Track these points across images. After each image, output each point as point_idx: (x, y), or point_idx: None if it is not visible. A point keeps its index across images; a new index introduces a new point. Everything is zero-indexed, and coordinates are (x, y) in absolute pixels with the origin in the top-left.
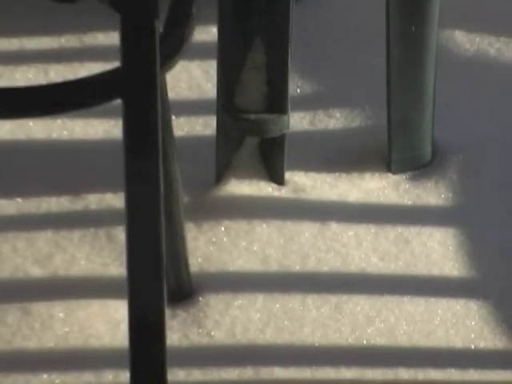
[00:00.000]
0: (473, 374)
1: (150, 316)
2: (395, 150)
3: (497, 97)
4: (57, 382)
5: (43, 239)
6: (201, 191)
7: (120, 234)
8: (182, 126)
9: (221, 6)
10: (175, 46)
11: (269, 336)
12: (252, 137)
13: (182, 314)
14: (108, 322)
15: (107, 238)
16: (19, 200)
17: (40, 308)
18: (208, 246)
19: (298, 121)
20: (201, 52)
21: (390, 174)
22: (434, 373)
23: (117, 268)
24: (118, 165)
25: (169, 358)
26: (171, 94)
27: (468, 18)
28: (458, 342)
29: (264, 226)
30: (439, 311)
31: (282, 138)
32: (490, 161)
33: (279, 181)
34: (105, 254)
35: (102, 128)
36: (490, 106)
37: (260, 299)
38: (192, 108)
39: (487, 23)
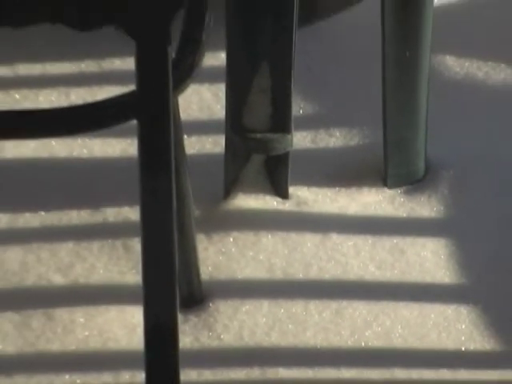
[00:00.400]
0: (463, 374)
1: (164, 321)
2: (391, 167)
3: (484, 117)
4: (78, 382)
5: (65, 250)
6: (211, 205)
7: (136, 244)
8: (194, 145)
9: (229, 33)
10: (187, 71)
11: (274, 339)
12: (258, 154)
13: (193, 318)
14: (125, 327)
15: (124, 248)
16: (43, 213)
17: (62, 313)
18: (217, 256)
19: (300, 139)
20: (210, 76)
21: (386, 189)
22: (427, 372)
23: (133, 276)
24: (133, 181)
25: (181, 360)
26: (183, 115)
27: (458, 44)
28: (449, 344)
29: (269, 237)
30: (432, 315)
31: (285, 155)
32: (479, 176)
33: (283, 195)
34: (122, 264)
35: (119, 147)
36: (478, 126)
37: (266, 305)
38: (202, 128)
39: (476, 49)
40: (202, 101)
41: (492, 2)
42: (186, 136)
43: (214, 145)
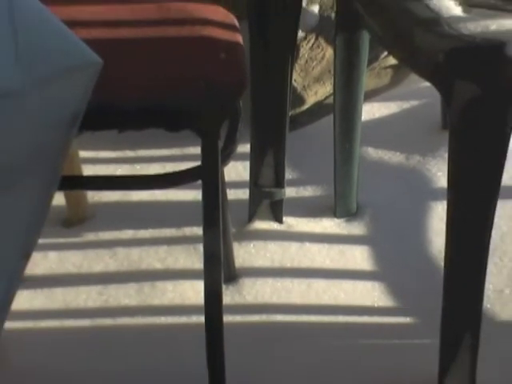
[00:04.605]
0: (376, 319)
1: (215, 289)
2: (338, 205)
3: (390, 181)
4: (169, 320)
5: (162, 250)
6: (240, 226)
7: (200, 247)
8: (232, 194)
9: (252, 135)
10: (228, 154)
11: (274, 299)
12: (266, 199)
13: (230, 287)
14: (194, 292)
15: (194, 249)
16: (150, 229)
17: (160, 284)
18: (244, 254)
19: (289, 192)
20: (241, 157)
21: (335, 219)
22: (356, 318)
23: (199, 265)
24: (200, 212)
25: (224, 309)
26: (226, 178)
27: (374, 141)
28: (368, 302)
29: (272, 244)
30: (359, 287)
31: (281, 200)
32: (387, 212)
33: (280, 221)
34: (193, 257)
35: (192, 194)
36: (387, 186)
37: (270, 280)
38: (237, 185)
39: (384, 144)
40: (236, 170)
41: (395, 118)
42: (228, 189)
43: (243, 194)
